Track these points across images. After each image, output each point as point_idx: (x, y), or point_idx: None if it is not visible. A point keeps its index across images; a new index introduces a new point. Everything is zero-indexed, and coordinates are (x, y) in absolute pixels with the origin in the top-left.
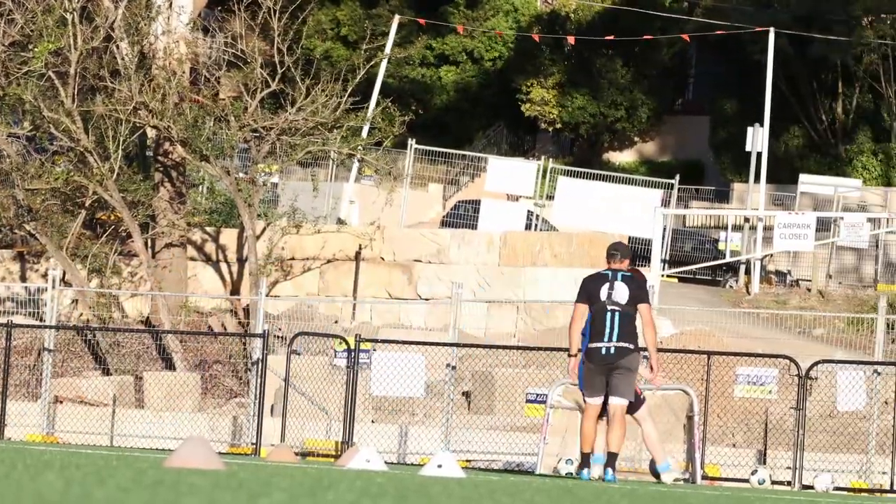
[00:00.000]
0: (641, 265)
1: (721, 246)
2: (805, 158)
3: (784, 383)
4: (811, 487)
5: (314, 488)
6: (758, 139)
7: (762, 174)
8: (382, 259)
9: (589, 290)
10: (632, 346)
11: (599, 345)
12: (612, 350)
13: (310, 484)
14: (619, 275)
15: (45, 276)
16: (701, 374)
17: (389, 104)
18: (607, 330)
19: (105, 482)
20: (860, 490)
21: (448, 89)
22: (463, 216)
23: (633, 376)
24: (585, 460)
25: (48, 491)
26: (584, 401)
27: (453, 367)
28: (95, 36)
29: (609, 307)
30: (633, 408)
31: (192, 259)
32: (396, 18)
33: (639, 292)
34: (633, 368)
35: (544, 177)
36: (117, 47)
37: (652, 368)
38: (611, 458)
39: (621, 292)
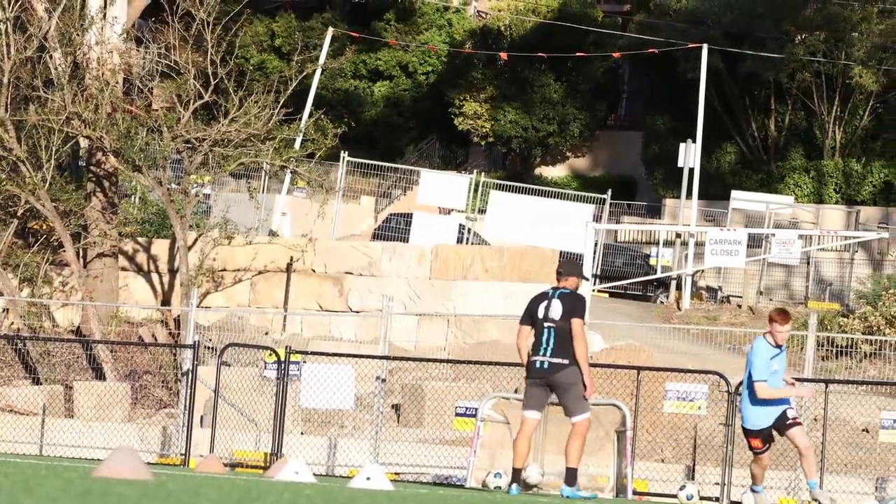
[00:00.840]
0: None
1: (652, 261)
2: (737, 175)
3: (713, 399)
4: (739, 503)
5: (242, 499)
6: (690, 155)
7: (694, 190)
8: (314, 271)
9: (531, 310)
10: (566, 361)
11: (535, 359)
12: (546, 365)
13: (238, 495)
14: (558, 292)
15: None
16: (630, 390)
17: (322, 116)
18: (542, 346)
19: (33, 491)
20: None
21: (379, 103)
22: (395, 229)
23: (578, 389)
24: (515, 476)
25: None
26: (523, 414)
27: (383, 380)
28: (29, 45)
29: (545, 324)
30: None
31: (124, 269)
32: (330, 31)
33: (572, 308)
34: (574, 382)
35: (476, 191)
36: (50, 57)
37: (584, 385)
38: (568, 474)
39: (556, 309)
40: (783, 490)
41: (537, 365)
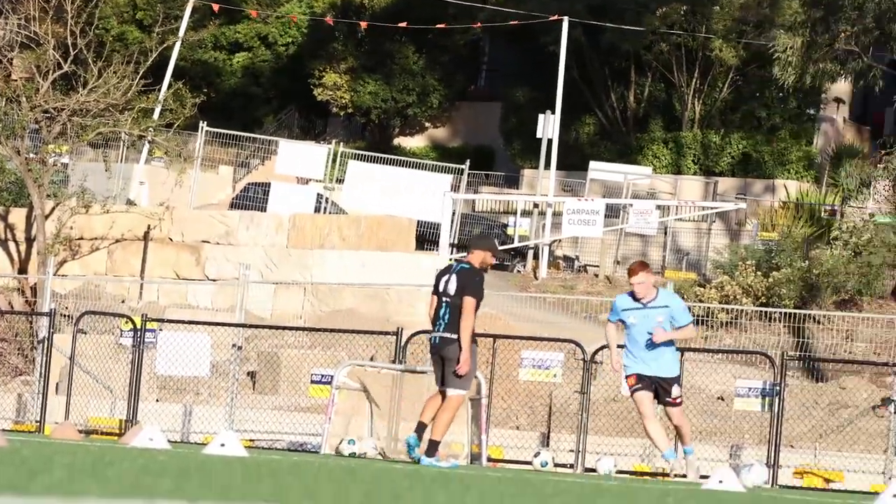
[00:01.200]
0: (430, 249)
1: (510, 231)
2: (596, 146)
3: (569, 367)
4: (593, 470)
5: (96, 465)
6: (549, 126)
7: (552, 161)
8: (171, 240)
9: (436, 282)
10: (454, 337)
11: (432, 333)
12: (437, 340)
13: (92, 461)
14: (458, 267)
15: None
16: (486, 357)
17: (181, 86)
18: (438, 320)
19: None
20: (642, 473)
21: (238, 73)
22: (253, 198)
23: (463, 367)
24: (419, 427)
25: None
26: None
27: (239, 348)
28: None
29: (443, 298)
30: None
31: None
32: (190, 2)
33: (464, 284)
34: (457, 357)
35: (335, 161)
36: None
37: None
38: (430, 445)
39: (452, 284)
40: (637, 457)
41: (432, 340)
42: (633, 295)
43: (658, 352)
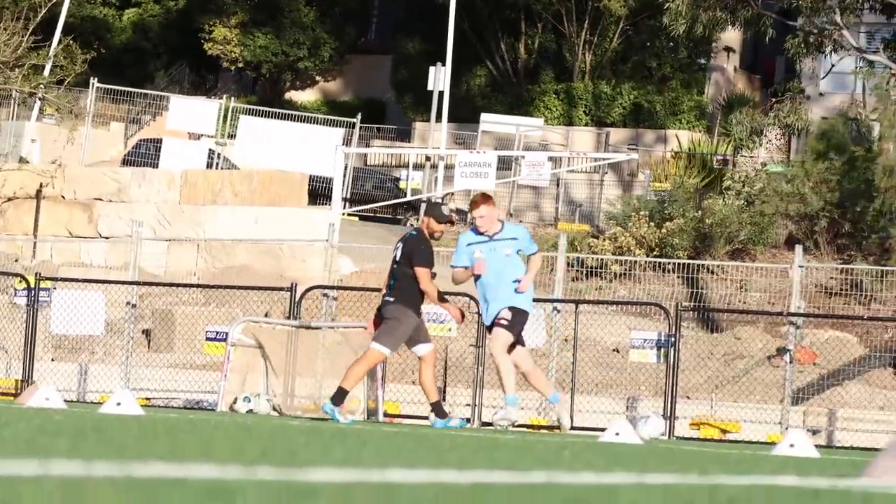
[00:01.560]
0: (322, 204)
1: (402, 184)
2: (487, 98)
3: (465, 322)
4: (490, 424)
5: None
6: (440, 79)
7: (444, 113)
8: (63, 198)
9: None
10: (392, 299)
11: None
12: (382, 303)
13: None
14: (408, 234)
15: None
16: None
17: (71, 43)
18: (388, 284)
19: None
20: (539, 427)
21: (128, 29)
22: (144, 155)
23: (390, 324)
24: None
25: None
26: None
27: (133, 306)
28: None
29: (392, 264)
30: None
31: None
32: None
33: (410, 252)
34: (389, 317)
35: (226, 116)
36: None
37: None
38: (336, 393)
39: (398, 251)
40: (534, 410)
41: (380, 304)
42: (476, 230)
43: (511, 287)
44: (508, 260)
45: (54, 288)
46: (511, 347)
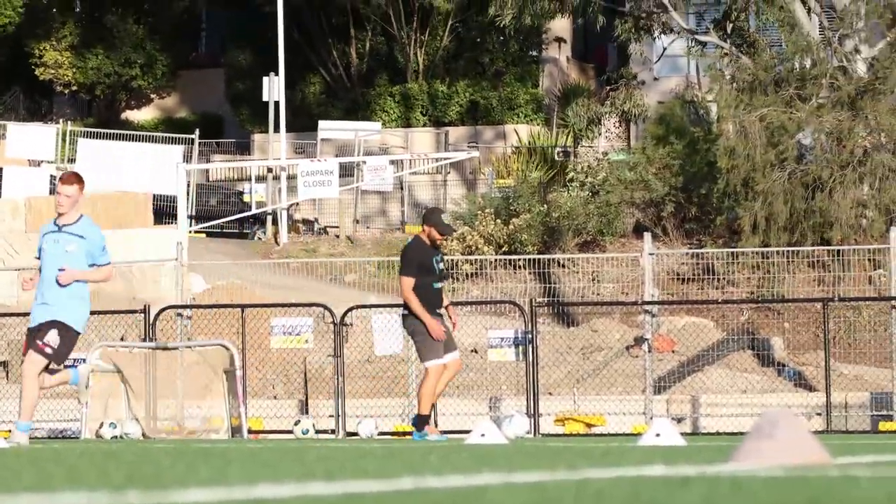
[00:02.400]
0: (168, 223)
1: (246, 198)
2: (323, 105)
3: (320, 331)
4: (355, 434)
5: None
6: (274, 89)
7: (281, 123)
8: None
9: None
10: (405, 312)
11: None
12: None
13: None
14: (408, 242)
15: None
16: (236, 328)
17: None
18: None
19: None
20: (404, 433)
21: None
22: None
23: (417, 340)
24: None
25: None
26: None
27: None
28: None
29: None
30: None
31: None
32: None
33: (400, 261)
34: (410, 333)
35: (64, 140)
36: None
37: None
38: (418, 421)
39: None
40: (397, 417)
41: None
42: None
43: (59, 293)
44: (69, 257)
45: None
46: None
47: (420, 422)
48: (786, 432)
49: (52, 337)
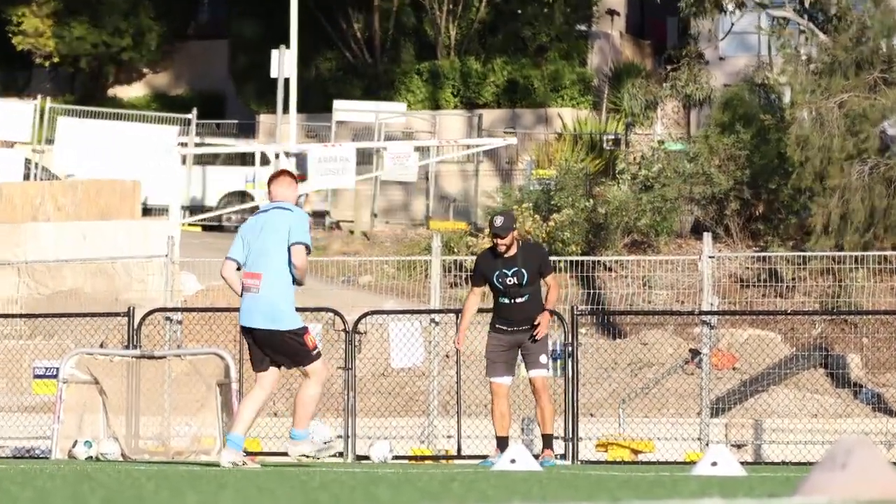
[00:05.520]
0: (159, 214)
1: (249, 186)
2: (340, 83)
3: (329, 340)
4: (366, 458)
5: None
6: (284, 64)
7: (292, 103)
8: None
9: None
10: None
11: None
12: None
13: None
14: None
15: None
16: (233, 335)
17: None
18: None
19: None
20: (423, 457)
21: None
22: None
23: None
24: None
25: None
26: None
27: None
28: None
29: None
30: None
31: None
32: None
33: None
34: None
35: (42, 118)
36: None
37: None
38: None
39: None
40: (415, 439)
41: None
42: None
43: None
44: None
45: None
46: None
47: (498, 444)
48: (861, 463)
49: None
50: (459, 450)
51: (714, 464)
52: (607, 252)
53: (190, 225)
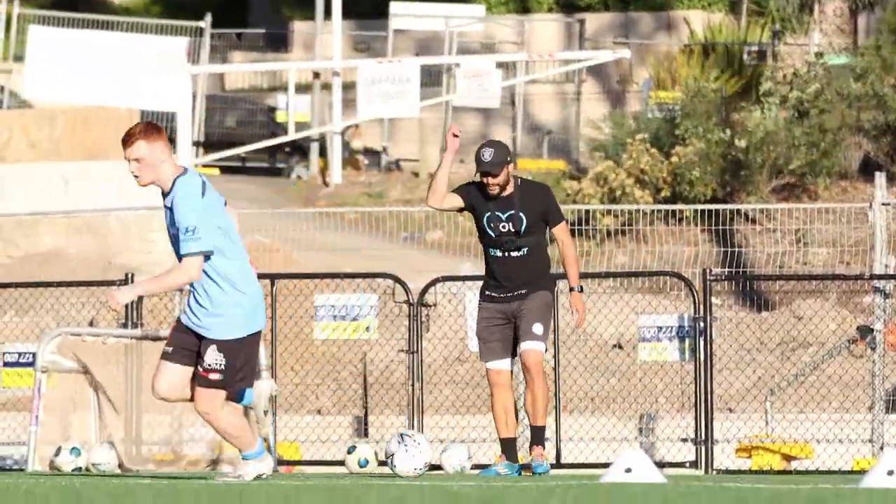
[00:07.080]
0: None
1: (280, 117)
2: None
3: (387, 315)
4: (438, 467)
5: None
6: None
7: (335, 7)
8: None
9: None
10: None
11: None
12: None
13: None
14: None
15: None
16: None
17: None
18: None
19: None
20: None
21: None
22: None
23: None
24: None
25: None
26: None
27: None
28: None
29: None
30: None
31: None
32: None
33: None
34: None
35: (8, 28)
36: None
37: None
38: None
39: None
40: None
41: None
42: None
43: None
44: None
45: None
46: None
47: (502, 448)
48: None
49: None
50: (559, 456)
51: (891, 473)
52: (749, 198)
53: (205, 166)
